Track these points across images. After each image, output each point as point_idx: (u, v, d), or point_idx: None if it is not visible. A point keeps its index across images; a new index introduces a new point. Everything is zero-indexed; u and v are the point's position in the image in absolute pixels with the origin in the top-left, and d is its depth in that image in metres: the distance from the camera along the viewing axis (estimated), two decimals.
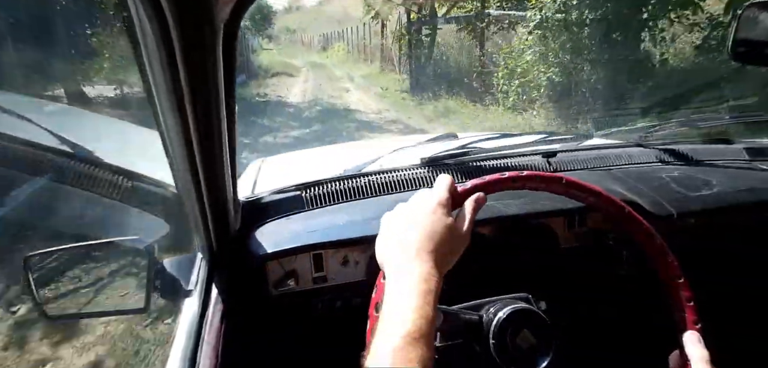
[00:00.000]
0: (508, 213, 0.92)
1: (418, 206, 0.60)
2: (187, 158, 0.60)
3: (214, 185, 0.68)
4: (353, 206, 0.99)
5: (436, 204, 0.59)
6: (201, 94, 0.51)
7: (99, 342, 2.31)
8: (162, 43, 0.44)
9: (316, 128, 7.80)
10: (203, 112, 0.54)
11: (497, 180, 0.65)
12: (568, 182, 0.67)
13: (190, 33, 0.43)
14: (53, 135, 0.73)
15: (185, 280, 0.83)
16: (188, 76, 0.48)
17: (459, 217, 0.61)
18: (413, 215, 0.60)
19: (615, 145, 1.27)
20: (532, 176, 0.67)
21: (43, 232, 2.91)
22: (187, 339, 0.73)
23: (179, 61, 0.45)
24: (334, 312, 0.93)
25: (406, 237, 0.57)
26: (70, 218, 1.13)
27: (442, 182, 0.63)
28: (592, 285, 0.96)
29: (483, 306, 0.69)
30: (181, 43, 0.43)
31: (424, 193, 0.62)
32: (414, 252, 0.55)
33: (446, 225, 0.58)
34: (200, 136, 0.57)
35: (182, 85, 0.48)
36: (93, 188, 0.75)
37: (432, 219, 0.58)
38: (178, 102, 0.51)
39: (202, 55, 0.46)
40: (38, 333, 2.28)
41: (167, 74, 0.48)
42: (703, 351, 0.61)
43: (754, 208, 1.02)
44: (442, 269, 0.55)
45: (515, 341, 0.63)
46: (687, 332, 0.63)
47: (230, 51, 0.50)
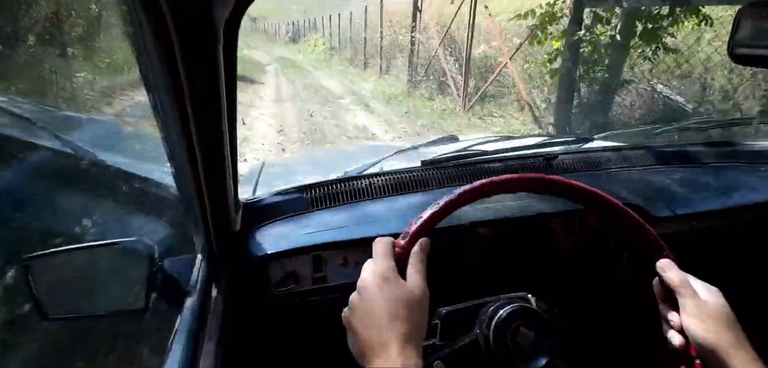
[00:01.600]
0: (507, 215, 0.92)
1: (367, 294, 0.57)
2: (188, 159, 0.61)
3: (214, 186, 0.68)
4: (353, 208, 0.99)
5: (381, 281, 0.56)
6: (201, 94, 0.51)
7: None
8: (162, 43, 0.44)
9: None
10: (204, 112, 0.54)
11: (432, 216, 0.62)
12: (493, 184, 0.65)
13: (190, 33, 0.44)
14: (54, 135, 0.73)
15: (186, 281, 0.83)
16: (188, 76, 0.48)
17: (409, 275, 0.58)
18: (364, 306, 0.56)
19: (615, 147, 1.27)
20: (466, 192, 0.64)
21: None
22: (187, 339, 0.73)
23: (179, 61, 0.46)
24: (334, 312, 0.93)
25: (367, 336, 0.54)
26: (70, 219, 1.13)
27: (379, 251, 0.60)
28: (591, 285, 0.96)
29: (483, 305, 0.69)
30: (181, 43, 0.44)
31: (367, 272, 0.59)
32: (378, 348, 0.52)
33: (399, 299, 0.55)
34: (201, 136, 0.57)
35: (183, 86, 0.49)
36: (93, 188, 0.75)
37: (381, 302, 0.55)
38: (178, 102, 0.51)
39: (202, 55, 0.47)
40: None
41: (167, 74, 0.48)
42: (681, 273, 0.63)
43: (755, 209, 1.02)
44: (414, 343, 0.53)
45: (515, 339, 0.64)
46: (659, 260, 0.65)
47: (231, 50, 0.50)
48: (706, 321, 0.59)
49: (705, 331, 0.58)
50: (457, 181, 1.07)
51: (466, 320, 0.67)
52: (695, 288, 0.62)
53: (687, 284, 0.62)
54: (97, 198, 1.17)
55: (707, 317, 0.59)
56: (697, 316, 0.60)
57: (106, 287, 0.82)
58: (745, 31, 0.73)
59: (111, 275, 0.80)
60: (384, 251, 0.60)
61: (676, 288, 0.62)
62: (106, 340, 2.33)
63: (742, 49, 0.75)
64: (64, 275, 0.80)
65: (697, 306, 0.60)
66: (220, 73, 0.51)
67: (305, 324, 0.92)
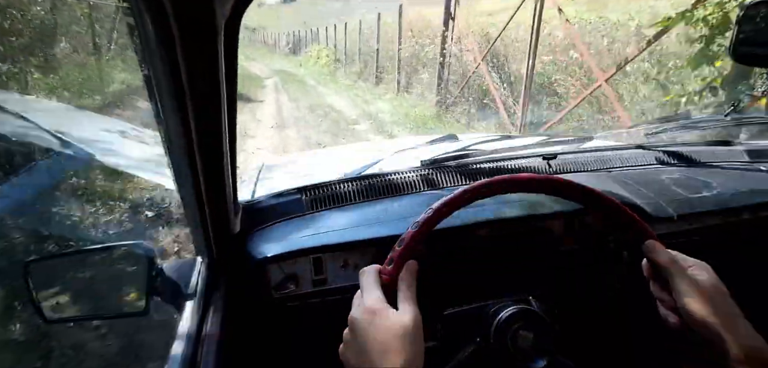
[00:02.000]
0: (507, 216, 0.92)
1: (358, 330, 0.55)
2: (188, 160, 0.60)
3: (214, 188, 0.68)
4: (353, 209, 0.99)
5: (370, 315, 0.55)
6: (202, 94, 0.51)
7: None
8: (163, 43, 0.44)
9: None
10: (204, 113, 0.54)
11: (413, 237, 0.60)
12: (472, 190, 0.64)
13: (190, 33, 0.43)
14: (54, 136, 0.73)
15: (185, 283, 0.83)
16: (189, 77, 0.48)
17: (399, 303, 0.57)
18: (357, 342, 0.55)
19: (615, 147, 1.27)
20: (443, 205, 0.62)
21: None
22: (187, 342, 0.73)
23: (180, 61, 0.45)
24: (334, 315, 0.93)
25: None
26: (70, 221, 1.13)
27: (365, 283, 0.59)
28: (592, 286, 0.96)
29: (484, 307, 0.69)
30: (181, 43, 0.44)
31: (355, 307, 0.58)
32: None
33: (390, 330, 0.53)
34: (201, 137, 0.57)
35: (183, 86, 0.48)
36: (94, 190, 0.75)
37: (372, 337, 0.53)
38: (178, 103, 0.51)
39: (202, 55, 0.46)
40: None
41: (168, 75, 0.48)
42: (668, 252, 0.62)
43: (755, 209, 1.02)
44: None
45: (516, 341, 0.63)
46: (646, 242, 0.64)
47: (231, 51, 0.50)
48: (698, 297, 0.57)
49: (698, 307, 0.57)
50: (456, 181, 1.07)
51: (466, 322, 0.67)
52: (684, 265, 0.61)
53: (675, 262, 0.61)
54: (98, 200, 1.17)
55: (699, 293, 0.58)
56: (689, 293, 0.58)
57: (105, 290, 0.81)
58: (746, 31, 0.73)
59: (111, 278, 0.80)
60: (370, 283, 0.58)
61: (664, 268, 0.61)
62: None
63: (744, 48, 0.75)
64: (64, 278, 0.80)
65: (688, 283, 0.59)
66: (221, 73, 0.51)
67: (305, 326, 0.92)
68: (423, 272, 0.59)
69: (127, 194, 3.44)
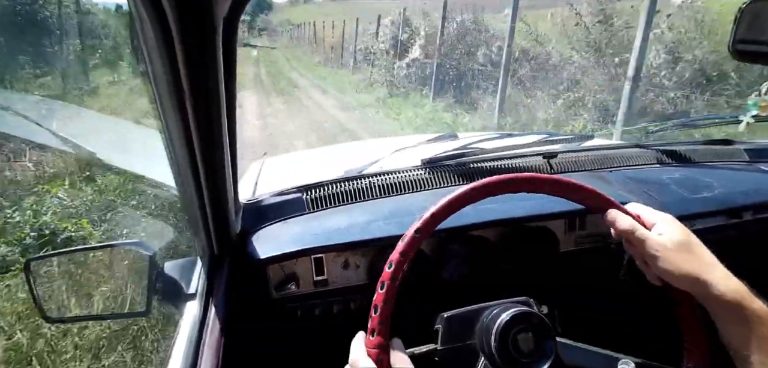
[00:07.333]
0: (507, 216, 0.92)
1: None
2: (188, 159, 0.60)
3: (214, 187, 0.68)
4: (354, 208, 0.99)
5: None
6: (201, 93, 0.51)
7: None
8: (162, 42, 0.44)
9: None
10: (204, 111, 0.54)
11: (388, 289, 0.58)
12: (450, 202, 0.62)
13: (190, 30, 0.43)
14: (54, 136, 0.73)
15: (186, 283, 0.83)
16: (188, 75, 0.48)
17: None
18: None
19: (615, 146, 1.27)
20: (424, 223, 0.61)
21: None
22: (188, 342, 0.73)
23: (179, 59, 0.45)
24: (335, 315, 0.93)
25: None
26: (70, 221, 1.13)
27: (353, 360, 0.57)
28: (593, 287, 0.96)
29: (484, 309, 0.69)
30: (181, 41, 0.44)
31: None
32: None
33: None
34: (201, 135, 0.57)
35: (183, 85, 0.49)
36: (94, 190, 0.75)
37: None
38: (178, 101, 0.51)
39: (202, 53, 0.46)
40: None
41: (168, 73, 0.48)
42: (628, 218, 0.60)
43: (755, 209, 1.02)
44: None
45: (517, 344, 0.63)
46: (606, 213, 0.63)
47: (230, 48, 0.50)
48: (669, 253, 0.56)
49: (671, 263, 0.56)
50: (457, 180, 1.06)
51: (466, 324, 0.67)
52: (648, 223, 0.60)
53: (638, 226, 0.59)
54: (97, 199, 1.17)
55: (668, 249, 0.56)
56: (659, 251, 0.57)
57: (106, 289, 0.82)
58: (746, 28, 0.73)
59: (111, 277, 0.80)
60: (358, 358, 0.57)
61: (629, 235, 0.59)
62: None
63: (743, 45, 0.74)
64: (65, 276, 0.80)
65: (656, 241, 0.57)
66: (220, 72, 0.51)
67: (306, 326, 0.92)
68: (422, 274, 0.58)
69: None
